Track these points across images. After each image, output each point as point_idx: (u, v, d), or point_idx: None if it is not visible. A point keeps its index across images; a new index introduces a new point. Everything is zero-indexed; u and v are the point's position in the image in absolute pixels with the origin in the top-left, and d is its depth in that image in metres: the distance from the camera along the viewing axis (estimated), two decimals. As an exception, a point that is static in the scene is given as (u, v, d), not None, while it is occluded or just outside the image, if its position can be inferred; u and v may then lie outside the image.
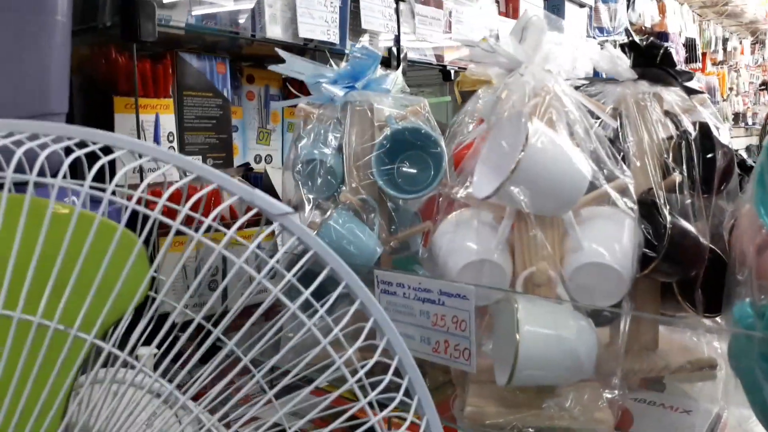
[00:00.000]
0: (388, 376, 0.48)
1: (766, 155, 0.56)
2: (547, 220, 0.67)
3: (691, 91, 0.79)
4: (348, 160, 0.84)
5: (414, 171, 0.88)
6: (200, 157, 1.21)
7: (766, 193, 0.56)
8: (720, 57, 5.34)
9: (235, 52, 1.31)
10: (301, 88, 0.95)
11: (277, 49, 0.88)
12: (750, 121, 5.66)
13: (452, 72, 1.56)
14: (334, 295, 0.48)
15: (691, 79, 0.80)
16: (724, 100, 5.44)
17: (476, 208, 0.71)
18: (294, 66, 0.86)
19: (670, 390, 0.81)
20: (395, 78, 0.92)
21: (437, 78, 1.65)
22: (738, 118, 5.70)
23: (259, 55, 1.33)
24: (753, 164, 0.98)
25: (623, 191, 0.68)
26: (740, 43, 5.69)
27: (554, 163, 0.61)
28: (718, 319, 0.82)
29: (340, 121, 0.86)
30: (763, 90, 5.78)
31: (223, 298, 0.72)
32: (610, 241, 0.67)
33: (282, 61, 0.88)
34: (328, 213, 0.80)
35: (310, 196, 0.84)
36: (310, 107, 0.89)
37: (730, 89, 5.57)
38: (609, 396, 0.65)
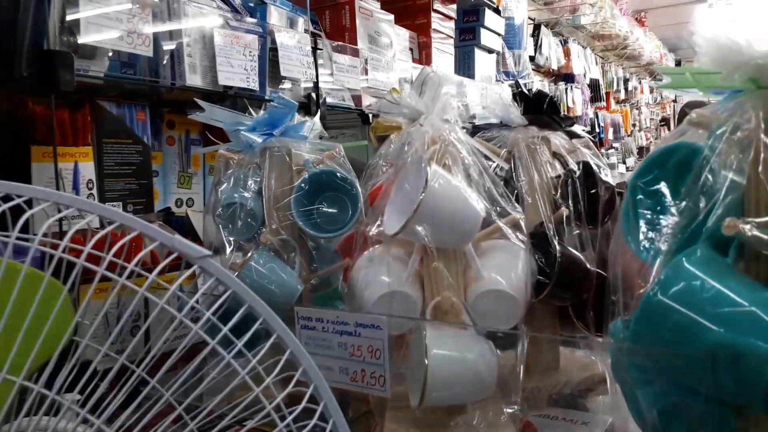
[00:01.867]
0: (304, 402, 0.53)
1: (630, 192, 0.66)
2: (450, 253, 0.74)
3: (573, 135, 0.90)
4: (268, 202, 0.89)
5: (332, 211, 0.93)
6: (120, 203, 1.22)
7: (629, 221, 0.65)
8: (622, 96, 5.78)
9: (156, 99, 1.33)
10: (221, 133, 1.00)
11: (196, 99, 0.93)
12: (608, 170, 6.10)
13: (370, 116, 1.65)
14: (252, 329, 0.53)
15: (573, 124, 0.91)
16: (628, 136, 5.87)
17: (388, 245, 0.77)
18: (213, 115, 0.91)
19: (572, 405, 0.89)
20: (312, 124, 0.98)
21: (356, 121, 1.73)
22: (642, 151, 6.15)
23: (180, 100, 1.36)
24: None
25: (515, 225, 0.76)
26: (639, 83, 6.19)
27: (451, 202, 0.68)
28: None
29: (259, 166, 0.91)
30: (663, 126, 6.27)
31: (146, 341, 0.74)
32: (507, 270, 0.75)
33: (202, 109, 0.92)
34: (249, 254, 0.84)
35: (231, 239, 0.88)
36: (229, 153, 0.94)
37: (633, 125, 6.02)
38: (510, 411, 0.72)
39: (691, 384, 0.55)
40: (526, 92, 0.90)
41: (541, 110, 0.90)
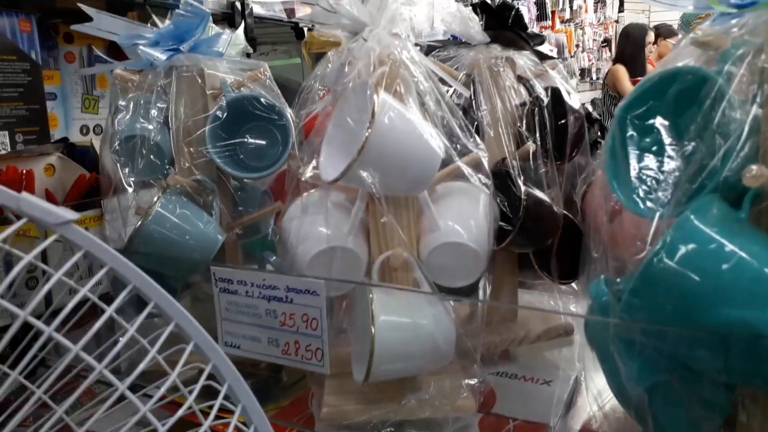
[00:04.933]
0: (201, 381, 0.41)
1: (617, 125, 0.54)
2: (401, 201, 0.62)
3: (542, 56, 0.77)
4: (176, 135, 0.72)
5: (258, 144, 0.78)
6: (6, 132, 1.02)
7: (617, 164, 0.54)
8: (567, 15, 5.63)
9: (45, 7, 1.10)
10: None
11: (80, 5, 0.73)
12: (594, 76, 6.07)
13: (305, 30, 1.46)
14: (144, 313, 0.40)
15: (542, 42, 0.78)
16: (571, 57, 5.77)
17: (326, 190, 0.64)
18: (102, 24, 0.72)
19: (532, 360, 0.81)
20: (231, 38, 0.80)
21: (290, 35, 1.54)
22: (584, 73, 6.09)
23: (77, 10, 1.14)
24: (598, 117, 1.00)
25: (477, 166, 0.64)
26: (584, 2, 6.04)
27: (404, 140, 0.55)
28: (573, 285, 0.83)
29: (164, 89, 0.74)
30: (605, 47, 6.21)
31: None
32: (466, 218, 0.63)
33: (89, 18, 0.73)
34: (155, 199, 0.68)
35: (132, 180, 0.71)
36: (128, 74, 0.76)
37: (577, 46, 5.91)
38: (471, 383, 0.62)
39: (688, 361, 0.46)
40: (489, 2, 0.75)
41: (505, 25, 0.76)
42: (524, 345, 0.80)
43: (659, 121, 0.52)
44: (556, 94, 0.77)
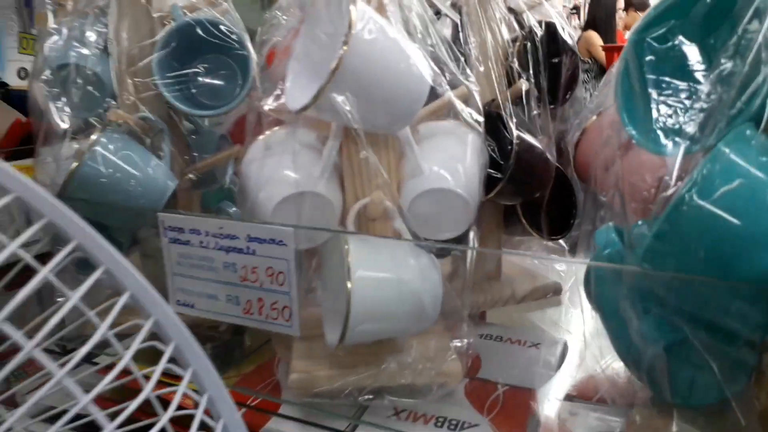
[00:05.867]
0: (139, 339, 0.33)
1: (631, 49, 0.47)
2: (381, 139, 0.53)
3: (536, -17, 0.69)
4: (118, 63, 0.62)
5: (214, 80, 0.69)
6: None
7: (631, 95, 0.47)
8: (537, -21, 5.53)
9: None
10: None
11: None
12: (573, 33, 6.02)
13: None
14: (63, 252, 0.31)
15: (537, -32, 0.70)
16: (540, 23, 5.69)
17: (293, 126, 0.55)
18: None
19: (516, 321, 0.75)
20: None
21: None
22: (551, 40, 6.02)
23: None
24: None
25: (467, 100, 0.56)
26: (553, -34, 5.95)
27: (387, 61, 0.46)
28: (561, 241, 0.76)
29: (103, 11, 0.64)
30: (574, 14, 6.15)
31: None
32: (454, 162, 0.55)
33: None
34: (94, 137, 0.59)
35: (66, 115, 0.61)
36: (60, -8, 0.65)
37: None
38: (458, 344, 0.56)
39: (718, 315, 0.40)
40: None
41: (496, -52, 0.67)
42: (510, 305, 0.74)
43: (684, 42, 0.45)
44: (551, 29, 0.70)
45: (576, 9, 6.33)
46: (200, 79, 0.68)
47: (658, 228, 0.38)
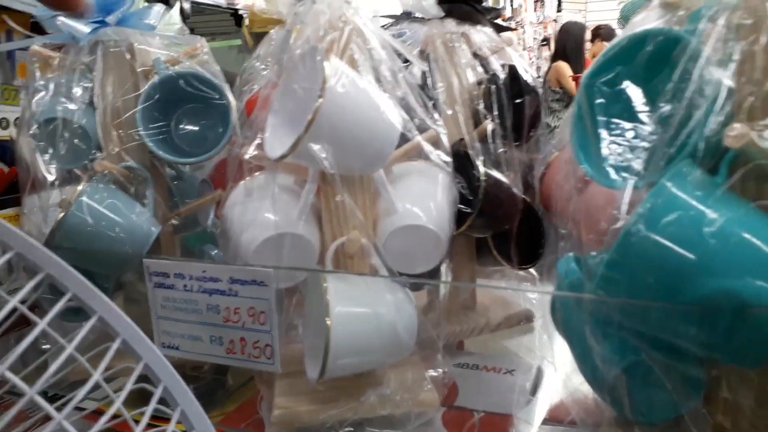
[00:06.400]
0: (131, 382, 0.35)
1: (583, 93, 0.51)
2: (356, 181, 0.57)
3: (500, 29, 0.73)
4: (103, 117, 0.65)
5: (196, 129, 0.72)
6: None
7: (584, 135, 0.51)
8: (508, 13, 5.70)
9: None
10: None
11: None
12: (535, 74, 6.18)
13: (245, 16, 1.38)
14: (58, 306, 0.33)
15: (498, 16, 0.74)
16: (512, 55, 5.84)
17: (272, 171, 0.58)
18: (14, -8, 0.64)
19: (491, 350, 0.78)
20: (164, 15, 0.73)
21: (230, 23, 1.46)
22: (525, 72, 6.17)
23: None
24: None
25: (436, 143, 0.60)
26: (524, 0, 6.14)
27: (360, 111, 0.50)
28: (532, 270, 0.80)
29: (89, 67, 0.67)
30: (545, 45, 6.33)
31: None
32: (425, 200, 0.59)
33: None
34: (80, 187, 0.61)
35: (53, 167, 0.64)
36: (46, 49, 0.68)
37: (518, 44, 6.00)
38: (434, 374, 0.58)
39: (669, 337, 0.43)
40: (441, -26, 0.71)
41: (460, -2, 0.72)
42: (485, 334, 0.77)
43: (630, 87, 0.49)
44: (512, 71, 0.74)
45: (546, 41, 6.52)
46: (182, 127, 0.71)
47: (609, 258, 0.41)
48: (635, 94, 0.49)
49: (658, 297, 0.40)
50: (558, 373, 0.58)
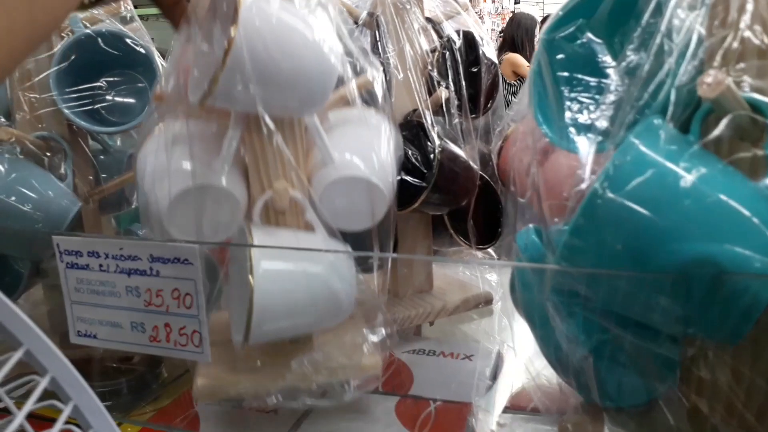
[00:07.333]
0: (33, 398, 0.29)
1: (542, 49, 0.46)
2: (286, 128, 0.49)
3: (453, -7, 0.69)
4: (12, 80, 0.58)
5: (127, 101, 0.65)
6: None
7: (544, 95, 0.46)
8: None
9: None
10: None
11: None
12: (493, 45, 6.18)
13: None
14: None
15: (453, -22, 0.70)
16: (470, 46, 5.82)
17: (190, 116, 0.51)
18: None
19: (449, 335, 0.74)
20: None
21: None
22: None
23: None
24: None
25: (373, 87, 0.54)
26: (483, -9, 6.13)
27: (287, 43, 0.44)
28: (490, 250, 0.76)
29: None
30: (502, 37, 6.35)
31: None
32: (366, 149, 0.52)
33: None
34: (-17, 159, 0.54)
35: (-50, 135, 0.56)
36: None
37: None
38: (375, 340, 0.53)
39: (639, 311, 0.39)
40: (392, -69, 0.66)
41: (411, -43, 0.67)
42: (442, 317, 0.72)
43: (592, 39, 0.45)
44: (468, 38, 0.70)
45: (503, 32, 6.54)
46: (110, 99, 0.64)
47: (573, 223, 0.37)
48: (598, 47, 0.45)
49: (627, 266, 0.36)
50: (519, 358, 0.54)
